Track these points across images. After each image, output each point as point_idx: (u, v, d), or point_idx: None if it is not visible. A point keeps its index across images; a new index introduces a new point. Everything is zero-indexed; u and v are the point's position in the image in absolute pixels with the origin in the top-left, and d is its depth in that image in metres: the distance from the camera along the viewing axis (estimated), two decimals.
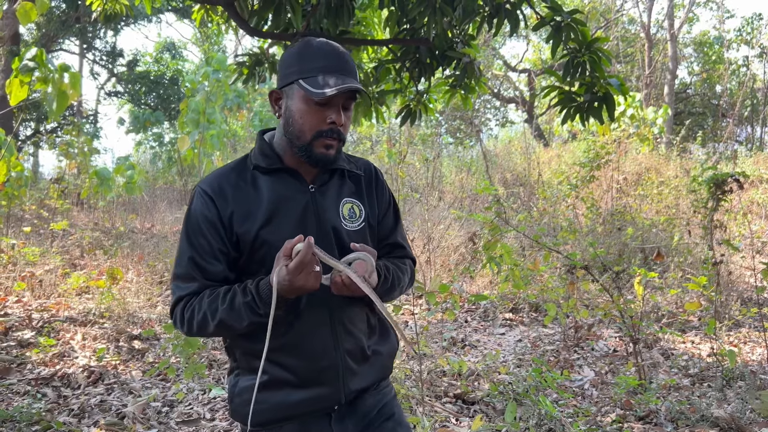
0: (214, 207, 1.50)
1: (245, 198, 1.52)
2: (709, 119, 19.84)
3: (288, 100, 1.51)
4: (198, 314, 1.47)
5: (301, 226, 1.51)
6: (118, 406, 3.80)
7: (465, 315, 6.03)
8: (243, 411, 1.55)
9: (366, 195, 1.65)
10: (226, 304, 1.44)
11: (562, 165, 10.87)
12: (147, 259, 7.20)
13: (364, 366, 1.60)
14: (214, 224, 1.50)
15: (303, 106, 1.47)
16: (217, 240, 1.50)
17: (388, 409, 1.67)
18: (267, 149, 1.58)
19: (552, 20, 3.10)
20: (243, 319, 1.44)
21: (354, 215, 1.60)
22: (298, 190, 1.55)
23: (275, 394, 1.53)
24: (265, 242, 1.49)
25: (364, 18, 4.16)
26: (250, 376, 1.55)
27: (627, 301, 4.28)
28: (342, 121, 1.49)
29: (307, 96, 1.46)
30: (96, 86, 26.04)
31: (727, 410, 3.54)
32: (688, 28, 21.26)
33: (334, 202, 1.59)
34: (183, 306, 1.51)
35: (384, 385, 1.70)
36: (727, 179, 5.45)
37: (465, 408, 3.80)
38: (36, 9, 4.93)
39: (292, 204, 1.54)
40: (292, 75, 1.49)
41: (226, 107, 14.86)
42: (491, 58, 19.67)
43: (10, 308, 5.40)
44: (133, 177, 11.67)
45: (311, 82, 1.45)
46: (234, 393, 1.59)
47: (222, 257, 1.51)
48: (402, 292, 1.68)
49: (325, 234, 1.55)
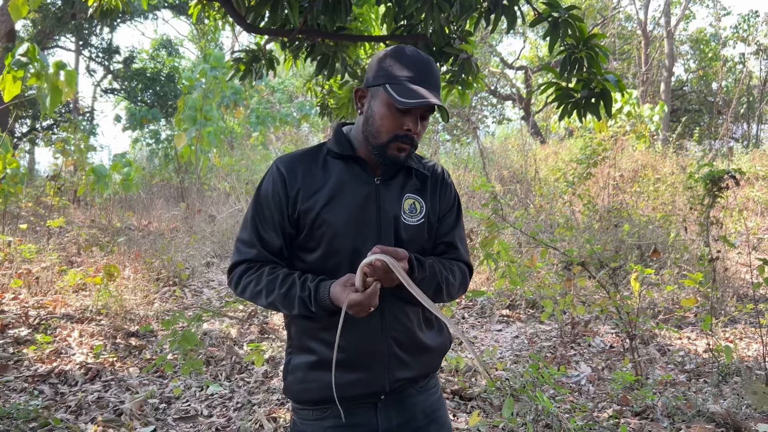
0: (283, 184, 1.60)
1: (313, 178, 1.61)
2: (705, 116, 19.86)
3: (372, 100, 1.58)
4: (255, 287, 1.59)
5: (361, 213, 1.59)
6: (115, 402, 3.80)
7: (462, 311, 6.04)
8: (295, 388, 1.66)
9: (429, 193, 1.70)
10: (283, 290, 1.55)
11: (559, 162, 10.87)
12: (144, 257, 7.19)
13: (411, 357, 1.65)
14: (279, 200, 1.60)
15: (385, 110, 1.55)
16: (278, 215, 1.60)
17: (433, 411, 1.72)
18: (342, 139, 1.66)
19: (549, 16, 3.10)
20: (294, 309, 1.54)
21: (414, 210, 1.66)
22: (364, 179, 1.62)
23: (325, 374, 1.59)
24: (325, 222, 1.57)
25: (361, 14, 4.16)
26: (303, 354, 1.65)
27: (623, 298, 4.29)
28: (417, 129, 1.57)
29: (391, 102, 1.53)
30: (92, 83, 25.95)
31: (723, 406, 3.56)
32: (684, 26, 21.32)
33: (396, 196, 1.64)
34: (242, 271, 1.63)
35: (432, 384, 1.75)
36: (723, 176, 5.46)
37: (462, 404, 3.81)
38: (28, 5, 4.90)
39: (356, 190, 1.61)
40: (380, 78, 1.56)
41: (223, 104, 14.84)
42: (488, 55, 19.67)
43: (6, 305, 5.39)
44: (129, 174, 11.64)
45: (397, 90, 1.52)
46: (288, 371, 1.68)
47: (280, 231, 1.61)
48: (450, 293, 1.68)
49: (383, 224, 1.61)
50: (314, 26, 3.60)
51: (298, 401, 1.67)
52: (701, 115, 20.09)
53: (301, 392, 1.64)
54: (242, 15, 3.60)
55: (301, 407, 1.67)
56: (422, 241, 1.67)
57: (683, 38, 21.48)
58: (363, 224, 1.59)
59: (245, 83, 4.52)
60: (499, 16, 3.26)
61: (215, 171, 13.60)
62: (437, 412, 1.73)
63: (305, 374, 1.63)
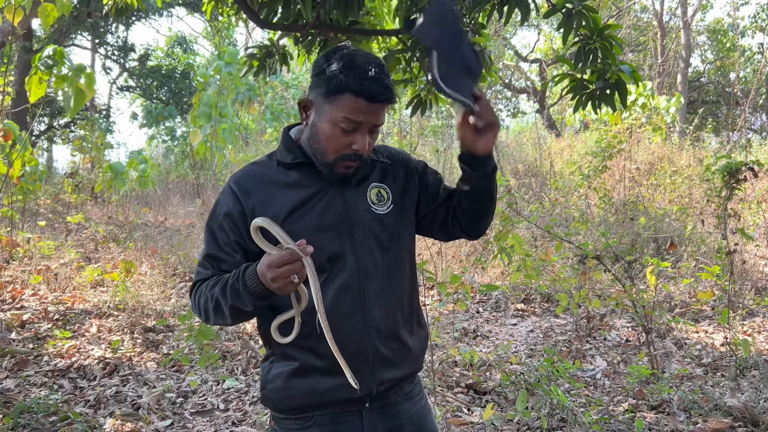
0: (236, 201, 1.54)
1: (268, 192, 1.54)
2: (722, 108, 19.61)
3: (316, 115, 1.52)
4: (203, 298, 1.52)
5: (329, 216, 1.53)
6: (133, 396, 3.85)
7: (476, 306, 6.03)
8: (275, 397, 1.59)
9: (393, 176, 1.65)
10: (221, 285, 1.47)
11: (574, 155, 10.79)
12: (160, 253, 7.26)
13: (395, 357, 1.60)
14: (234, 218, 1.53)
15: (330, 128, 1.48)
16: (235, 233, 1.53)
17: (420, 418, 1.68)
18: (291, 145, 1.60)
19: (563, 7, 3.07)
20: (227, 300, 1.45)
21: (382, 198, 1.60)
22: (322, 180, 1.55)
23: (305, 380, 1.55)
24: (290, 232, 1.48)
25: (374, 8, 4.15)
26: (284, 362, 1.58)
27: (639, 291, 4.26)
28: (367, 145, 1.50)
29: (336, 119, 1.46)
30: (108, 81, 26.18)
31: (740, 399, 3.53)
32: (701, 16, 21.02)
33: (360, 189, 1.59)
34: (195, 290, 1.57)
35: (417, 392, 1.70)
36: (741, 168, 5.39)
37: (477, 398, 3.81)
38: (57, 10, 4.97)
39: (318, 195, 1.55)
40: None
41: (238, 101, 14.89)
42: (502, 48, 19.55)
43: (26, 301, 5.47)
44: (146, 171, 11.74)
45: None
46: (267, 379, 1.60)
47: (239, 249, 1.54)
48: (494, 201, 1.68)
49: (355, 220, 1.55)
50: (327, 21, 3.60)
51: (279, 410, 1.61)
52: (718, 107, 19.84)
53: (282, 400, 1.58)
54: (255, 11, 3.61)
55: (282, 416, 1.60)
56: (398, 227, 1.62)
57: (700, 29, 21.20)
58: (333, 226, 1.53)
59: (259, 79, 4.54)
60: (513, 8, 3.23)
61: (230, 167, 13.66)
62: (424, 419, 1.69)
63: (286, 382, 1.56)
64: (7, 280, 5.87)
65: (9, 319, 4.92)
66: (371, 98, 1.44)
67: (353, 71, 1.44)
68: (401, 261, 1.63)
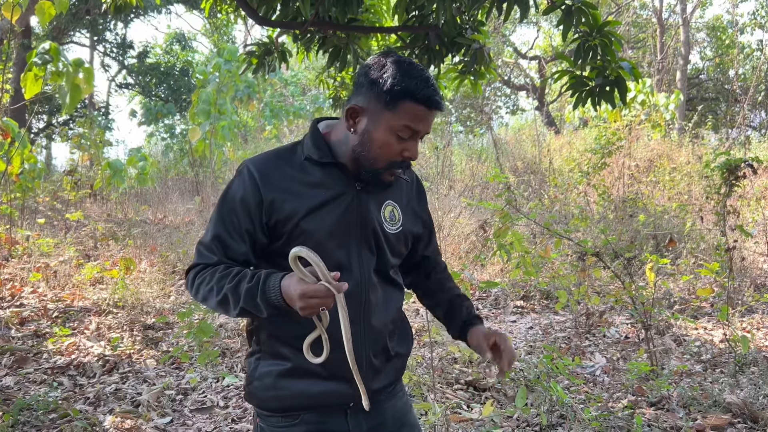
0: (255, 189, 1.49)
1: (291, 186, 1.50)
2: (722, 105, 19.60)
3: (370, 122, 1.48)
4: (207, 285, 1.46)
5: (343, 222, 1.52)
6: (132, 394, 3.85)
7: (476, 303, 6.04)
8: (262, 395, 1.57)
9: (405, 204, 1.66)
10: (233, 284, 1.42)
11: (574, 152, 10.79)
12: (159, 250, 7.26)
13: (385, 366, 1.62)
14: (250, 206, 1.49)
15: (387, 136, 1.47)
16: (247, 221, 1.49)
17: (402, 414, 1.70)
18: (320, 142, 1.55)
19: (562, 4, 3.07)
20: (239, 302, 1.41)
21: (394, 219, 1.61)
22: (345, 185, 1.54)
23: (297, 382, 1.54)
24: (305, 231, 1.48)
25: (373, 5, 4.14)
26: (273, 360, 1.55)
27: (639, 288, 4.27)
28: (417, 154, 1.51)
29: (394, 127, 1.45)
30: (107, 78, 26.16)
31: (739, 396, 3.53)
32: (700, 13, 20.99)
33: (376, 202, 1.58)
34: (198, 270, 1.51)
35: (399, 389, 1.72)
36: (740, 165, 5.39)
37: (476, 394, 3.82)
38: (54, 8, 4.97)
39: (338, 198, 1.52)
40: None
41: (237, 98, 14.88)
42: (501, 45, 19.54)
43: (25, 299, 5.47)
44: (145, 168, 11.74)
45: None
46: (254, 376, 1.58)
47: (248, 238, 1.50)
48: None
49: (365, 232, 1.55)
50: (326, 18, 3.60)
51: (265, 408, 1.59)
52: (718, 104, 19.83)
53: (269, 399, 1.56)
54: (254, 8, 3.60)
55: (268, 414, 1.59)
56: (400, 250, 1.64)
57: (699, 25, 21.18)
58: (345, 233, 1.52)
59: (258, 76, 4.54)
60: (512, 5, 3.23)
61: (229, 165, 13.66)
62: (407, 416, 1.70)
63: (275, 381, 1.54)
64: (7, 278, 5.87)
65: (8, 316, 4.92)
66: (432, 105, 1.45)
67: (414, 79, 1.43)
68: (398, 276, 1.69)
